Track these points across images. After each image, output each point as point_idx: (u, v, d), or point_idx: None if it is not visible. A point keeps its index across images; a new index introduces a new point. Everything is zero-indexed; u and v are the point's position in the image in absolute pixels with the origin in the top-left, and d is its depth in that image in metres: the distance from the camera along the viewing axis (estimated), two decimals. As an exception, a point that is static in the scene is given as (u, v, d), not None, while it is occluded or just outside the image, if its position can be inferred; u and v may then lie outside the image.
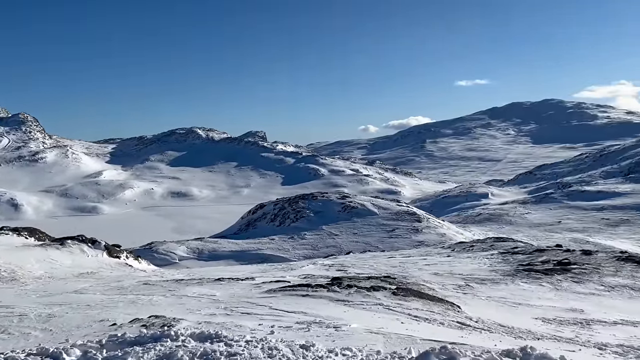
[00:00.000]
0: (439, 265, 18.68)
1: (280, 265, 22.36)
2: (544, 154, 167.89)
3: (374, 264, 20.02)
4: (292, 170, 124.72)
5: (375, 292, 11.39)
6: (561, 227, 53.30)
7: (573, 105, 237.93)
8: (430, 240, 44.29)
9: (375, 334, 7.10)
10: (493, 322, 9.42)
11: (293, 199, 59.67)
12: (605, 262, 16.89)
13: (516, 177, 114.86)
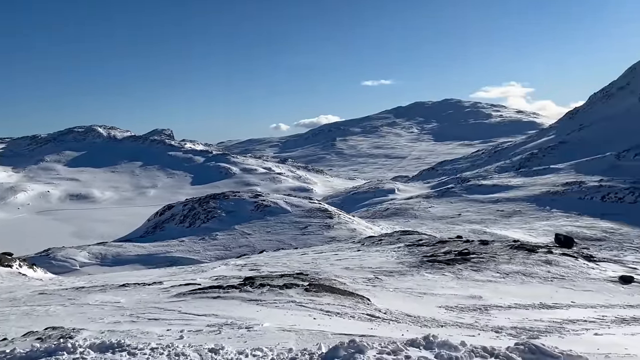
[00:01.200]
0: (350, 260, 19.11)
1: (191, 268, 21.71)
2: (445, 151, 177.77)
3: (287, 261, 20.04)
4: (202, 169, 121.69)
5: (288, 289, 11.41)
6: (461, 219, 56.67)
7: (470, 104, 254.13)
8: (341, 235, 45.23)
9: (288, 331, 7.10)
10: (400, 313, 9.78)
11: (203, 199, 58.23)
12: (500, 250, 18.18)
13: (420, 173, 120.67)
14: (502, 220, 54.89)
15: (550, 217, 53.85)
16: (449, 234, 42.57)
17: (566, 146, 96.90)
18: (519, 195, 63.42)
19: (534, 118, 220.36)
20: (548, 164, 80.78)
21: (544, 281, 14.10)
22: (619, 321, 9.27)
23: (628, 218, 49.85)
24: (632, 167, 66.60)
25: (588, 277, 14.54)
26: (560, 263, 15.91)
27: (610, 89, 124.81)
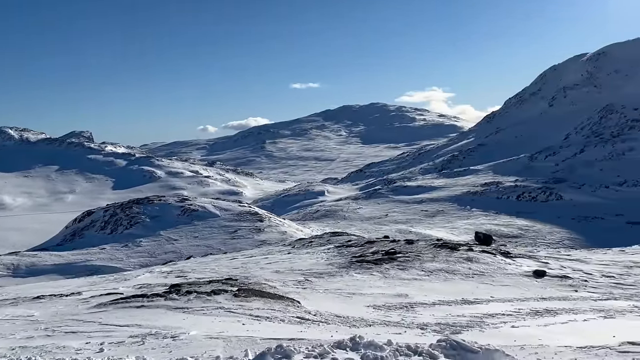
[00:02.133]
0: (280, 263, 19.04)
1: (113, 277, 20.72)
2: (372, 153, 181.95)
3: (215, 267, 19.63)
4: (124, 173, 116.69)
5: (217, 295, 11.16)
6: (388, 220, 58.22)
7: (395, 108, 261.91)
8: (272, 239, 44.98)
9: (215, 339, 6.93)
10: (330, 314, 9.85)
11: (126, 204, 55.84)
12: (424, 249, 18.82)
13: (349, 175, 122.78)
14: (426, 220, 56.96)
15: (470, 216, 56.56)
16: (377, 234, 43.57)
17: (484, 148, 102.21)
18: (441, 196, 66.11)
19: (454, 122, 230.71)
20: (468, 166, 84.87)
21: (466, 277, 14.75)
22: (533, 313, 9.86)
23: (541, 216, 53.39)
24: (543, 168, 71.45)
25: (505, 272, 15.37)
26: (480, 260, 16.71)
27: (523, 94, 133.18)
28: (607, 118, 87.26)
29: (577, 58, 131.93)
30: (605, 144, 74.48)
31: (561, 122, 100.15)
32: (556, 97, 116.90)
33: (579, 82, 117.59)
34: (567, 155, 74.12)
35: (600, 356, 5.49)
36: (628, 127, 79.84)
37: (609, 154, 70.57)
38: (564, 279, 14.50)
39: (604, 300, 11.58)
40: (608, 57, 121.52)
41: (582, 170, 66.95)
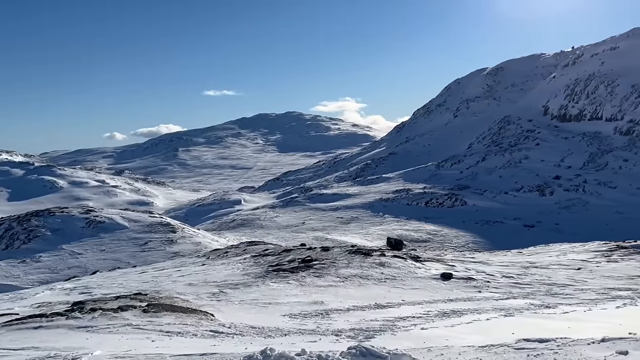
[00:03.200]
0: (194, 275, 18.47)
1: (8, 296, 19.01)
2: (289, 162, 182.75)
3: (123, 281, 18.65)
4: (21, 183, 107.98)
5: (124, 312, 10.59)
6: (305, 227, 58.61)
7: (311, 117, 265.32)
8: (185, 250, 43.58)
9: (122, 358, 6.55)
10: (245, 325, 9.69)
11: (24, 217, 51.65)
12: (340, 256, 19.12)
13: (265, 184, 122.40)
14: (341, 227, 58.03)
15: (383, 222, 58.40)
16: (294, 242, 43.67)
17: (395, 157, 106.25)
18: (356, 203, 67.71)
19: (367, 131, 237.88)
20: (380, 174, 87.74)
21: (379, 282, 15.15)
22: (441, 315, 10.33)
23: (447, 221, 56.30)
24: (449, 175, 75.51)
25: (416, 276, 15.99)
26: (392, 264, 17.25)
27: (430, 105, 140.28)
28: (505, 129, 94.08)
29: (478, 72, 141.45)
30: (504, 152, 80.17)
31: (465, 132, 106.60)
32: (460, 109, 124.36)
33: (480, 95, 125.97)
34: (470, 164, 78.88)
35: (499, 354, 5.85)
36: (523, 137, 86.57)
37: (507, 162, 76.02)
38: (469, 280, 15.35)
39: (505, 300, 12.39)
40: (505, 72, 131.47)
41: (483, 177, 71.53)
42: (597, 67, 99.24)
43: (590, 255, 22.18)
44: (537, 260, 20.59)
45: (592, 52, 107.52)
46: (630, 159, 70.84)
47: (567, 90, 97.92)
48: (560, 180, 66.41)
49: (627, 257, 21.36)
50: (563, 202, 60.15)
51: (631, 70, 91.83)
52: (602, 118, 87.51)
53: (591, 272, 17.38)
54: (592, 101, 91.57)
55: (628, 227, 49.49)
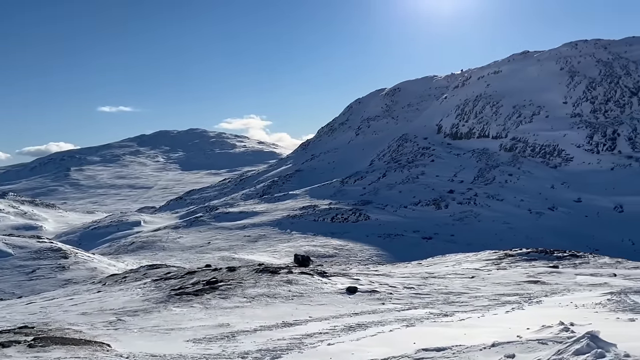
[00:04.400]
0: (89, 303, 17.20)
1: None
2: (193, 180, 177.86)
3: (7, 314, 16.90)
4: None
5: (6, 348, 9.56)
6: (211, 248, 57.14)
7: (215, 135, 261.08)
8: (79, 276, 40.54)
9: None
10: (145, 354, 9.17)
11: None
12: (246, 275, 18.81)
13: (168, 203, 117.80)
14: (249, 245, 57.31)
15: (290, 239, 58.55)
16: (199, 263, 42.37)
17: (302, 174, 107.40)
18: (263, 221, 67.32)
19: (273, 148, 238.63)
20: (287, 191, 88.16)
21: (286, 300, 15.09)
22: (347, 329, 10.48)
23: (352, 235, 57.70)
24: (353, 191, 77.66)
25: (322, 291, 16.13)
26: (299, 281, 17.28)
27: (334, 124, 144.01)
28: (403, 146, 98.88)
29: (377, 92, 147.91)
30: (403, 169, 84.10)
31: (367, 150, 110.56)
32: (361, 127, 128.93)
33: (379, 114, 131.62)
34: (372, 180, 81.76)
35: (401, 364, 6.05)
36: (420, 154, 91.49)
37: (405, 177, 79.79)
38: (373, 293, 15.77)
39: (406, 310, 12.87)
40: (402, 93, 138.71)
41: (385, 193, 74.41)
42: (483, 88, 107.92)
43: (482, 263, 23.77)
44: (435, 271, 21.67)
45: (479, 75, 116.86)
46: (514, 173, 77.42)
47: (457, 110, 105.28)
48: (454, 194, 70.85)
49: (514, 265, 23.18)
50: (457, 214, 64.13)
51: (512, 92, 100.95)
52: (489, 136, 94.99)
53: (483, 279, 18.61)
54: (479, 120, 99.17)
55: (514, 236, 53.86)
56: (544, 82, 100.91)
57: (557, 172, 77.94)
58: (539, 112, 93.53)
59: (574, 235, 54.06)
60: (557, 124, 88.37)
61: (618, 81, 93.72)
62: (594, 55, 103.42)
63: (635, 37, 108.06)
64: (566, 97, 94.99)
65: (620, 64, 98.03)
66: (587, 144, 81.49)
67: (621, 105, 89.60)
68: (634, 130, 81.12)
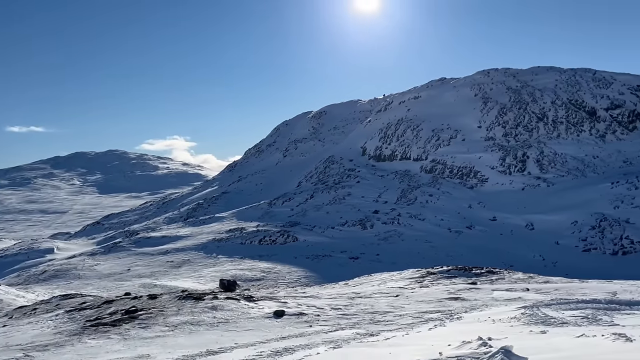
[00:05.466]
0: (-9, 340, 15.74)
1: None
2: (112, 204, 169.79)
3: None
4: None
5: None
6: (131, 275, 54.44)
7: (136, 156, 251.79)
8: (-19, 311, 37.09)
9: None
10: (55, 394, 8.49)
11: None
12: (169, 303, 18.07)
13: (84, 229, 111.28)
14: (172, 271, 55.20)
15: (217, 263, 57.09)
16: (118, 291, 40.23)
17: (228, 196, 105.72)
18: (187, 245, 65.27)
19: (198, 170, 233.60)
20: (213, 213, 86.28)
21: (211, 327, 14.63)
22: (274, 354, 10.31)
23: (280, 257, 57.27)
24: (281, 213, 77.42)
25: (249, 316, 15.81)
26: (225, 307, 16.85)
27: (261, 145, 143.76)
28: (330, 168, 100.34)
29: (304, 115, 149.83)
30: (330, 190, 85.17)
31: (294, 171, 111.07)
32: (289, 149, 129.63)
33: (306, 136, 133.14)
34: (300, 201, 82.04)
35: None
36: (346, 176, 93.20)
37: (332, 198, 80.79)
38: (301, 315, 15.67)
39: (334, 332, 12.88)
40: (328, 116, 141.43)
41: (312, 214, 74.83)
42: (404, 113, 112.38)
43: (406, 282, 24.40)
44: (361, 290, 21.95)
45: (400, 99, 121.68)
46: (434, 194, 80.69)
47: (380, 133, 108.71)
48: (379, 214, 72.59)
49: (436, 282, 23.98)
50: (382, 234, 65.63)
51: (431, 117, 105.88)
52: (410, 158, 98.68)
53: (407, 298, 19.08)
54: (401, 143, 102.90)
55: (436, 254, 55.86)
56: (460, 107, 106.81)
57: (473, 192, 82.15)
58: (456, 136, 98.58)
59: (490, 252, 56.93)
60: (473, 147, 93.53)
61: (526, 107, 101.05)
62: (504, 83, 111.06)
63: (540, 67, 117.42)
64: (480, 122, 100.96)
65: (528, 91, 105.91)
66: (500, 166, 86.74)
67: (529, 130, 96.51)
68: (541, 153, 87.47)
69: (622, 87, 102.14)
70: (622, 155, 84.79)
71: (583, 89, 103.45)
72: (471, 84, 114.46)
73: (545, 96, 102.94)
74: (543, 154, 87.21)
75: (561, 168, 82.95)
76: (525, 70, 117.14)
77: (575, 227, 62.22)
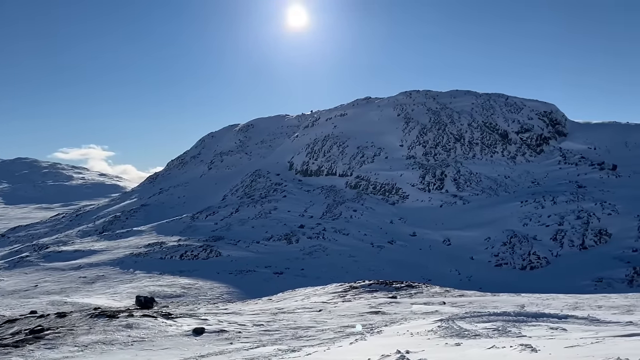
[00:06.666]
0: None
1: None
2: (19, 215, 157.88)
3: None
4: None
5: None
6: (38, 291, 50.71)
7: (48, 165, 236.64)
8: None
9: None
10: None
11: None
12: (79, 321, 17.00)
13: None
14: (84, 287, 52.05)
15: (134, 279, 54.55)
16: (23, 309, 37.28)
17: (148, 209, 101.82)
18: (102, 260, 61.94)
19: (117, 181, 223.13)
20: (131, 227, 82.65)
21: (125, 346, 13.91)
22: (192, 373, 9.94)
23: (202, 273, 55.71)
24: (204, 227, 75.56)
25: (166, 334, 15.20)
26: (141, 325, 16.10)
27: (185, 157, 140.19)
28: (256, 181, 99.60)
29: (231, 127, 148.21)
30: (256, 204, 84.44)
31: (219, 184, 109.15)
32: (214, 162, 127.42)
33: (233, 149, 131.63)
34: (224, 215, 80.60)
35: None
36: (272, 190, 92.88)
37: (258, 212, 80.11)
38: (221, 333, 15.28)
39: (255, 349, 12.66)
40: (255, 129, 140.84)
41: (237, 228, 73.70)
42: (331, 129, 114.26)
43: (329, 296, 24.56)
44: (284, 306, 21.82)
45: (327, 116, 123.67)
46: (358, 209, 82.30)
47: (307, 148, 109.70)
48: (305, 229, 72.82)
49: (358, 296, 24.34)
50: (307, 248, 65.82)
51: (357, 134, 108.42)
52: (336, 174, 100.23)
53: (330, 312, 19.19)
54: (328, 159, 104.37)
55: (358, 268, 56.81)
56: (383, 126, 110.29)
57: (395, 208, 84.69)
58: (379, 153, 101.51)
59: (410, 267, 58.76)
60: (395, 165, 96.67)
61: (445, 128, 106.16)
62: (425, 104, 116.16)
63: (459, 91, 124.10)
64: (402, 141, 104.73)
65: (446, 113, 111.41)
66: (420, 184, 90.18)
67: (447, 150, 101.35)
68: (457, 172, 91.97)
69: (531, 113, 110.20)
70: (531, 176, 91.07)
71: (496, 113, 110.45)
72: (394, 104, 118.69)
73: (463, 118, 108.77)
74: (460, 173, 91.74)
75: (476, 187, 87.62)
76: (444, 93, 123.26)
77: (488, 242, 65.73)
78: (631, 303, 19.12)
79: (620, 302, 19.49)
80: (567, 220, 67.88)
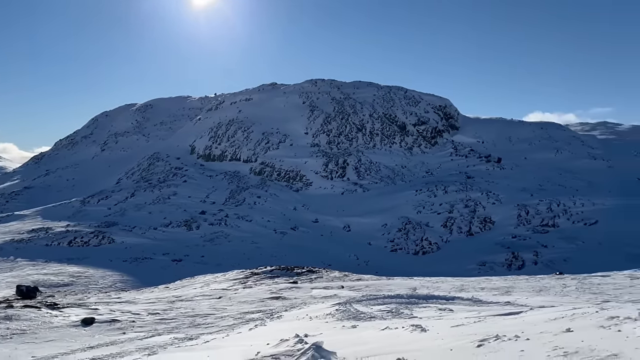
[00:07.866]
0: None
1: None
2: None
3: None
4: None
5: None
6: None
7: None
8: None
9: None
10: None
11: None
12: (-53, 315, 15.29)
13: None
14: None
15: (15, 267, 50.12)
16: None
17: (32, 191, 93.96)
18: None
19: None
20: (12, 211, 75.83)
21: (3, 340, 12.75)
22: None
23: (93, 261, 52.52)
24: (96, 212, 71.18)
25: (52, 326, 14.16)
26: (22, 316, 14.85)
27: (75, 137, 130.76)
28: (154, 165, 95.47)
29: (127, 107, 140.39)
30: (154, 188, 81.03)
31: (113, 167, 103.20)
32: (108, 143, 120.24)
33: (129, 130, 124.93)
34: (119, 199, 76.51)
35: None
36: (172, 174, 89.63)
37: (156, 198, 76.98)
38: (113, 322, 14.54)
39: (149, 338, 12.19)
40: (154, 110, 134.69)
41: (133, 214, 70.31)
42: (235, 114, 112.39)
43: (230, 283, 24.31)
44: (183, 294, 21.25)
45: (232, 100, 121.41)
46: (262, 195, 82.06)
47: (211, 132, 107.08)
48: (206, 215, 71.24)
49: (259, 282, 24.35)
50: (208, 235, 64.50)
51: (262, 119, 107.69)
52: (240, 159, 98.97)
53: (230, 299, 19.00)
54: (232, 144, 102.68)
55: (261, 255, 56.77)
56: (289, 113, 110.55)
57: (298, 195, 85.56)
58: (284, 140, 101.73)
59: (312, 252, 59.82)
60: (300, 152, 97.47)
61: (348, 118, 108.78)
62: (329, 94, 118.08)
63: (362, 82, 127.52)
64: (307, 129, 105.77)
65: (349, 103, 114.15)
66: (323, 171, 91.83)
67: (350, 139, 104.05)
68: (359, 161, 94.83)
69: (428, 106, 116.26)
70: (425, 166, 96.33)
71: (396, 105, 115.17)
72: (300, 92, 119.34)
73: (365, 109, 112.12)
74: (360, 162, 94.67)
75: (375, 175, 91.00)
76: (348, 84, 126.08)
77: (385, 229, 68.72)
78: (509, 285, 20.99)
79: (500, 284, 21.32)
80: (457, 209, 72.85)
